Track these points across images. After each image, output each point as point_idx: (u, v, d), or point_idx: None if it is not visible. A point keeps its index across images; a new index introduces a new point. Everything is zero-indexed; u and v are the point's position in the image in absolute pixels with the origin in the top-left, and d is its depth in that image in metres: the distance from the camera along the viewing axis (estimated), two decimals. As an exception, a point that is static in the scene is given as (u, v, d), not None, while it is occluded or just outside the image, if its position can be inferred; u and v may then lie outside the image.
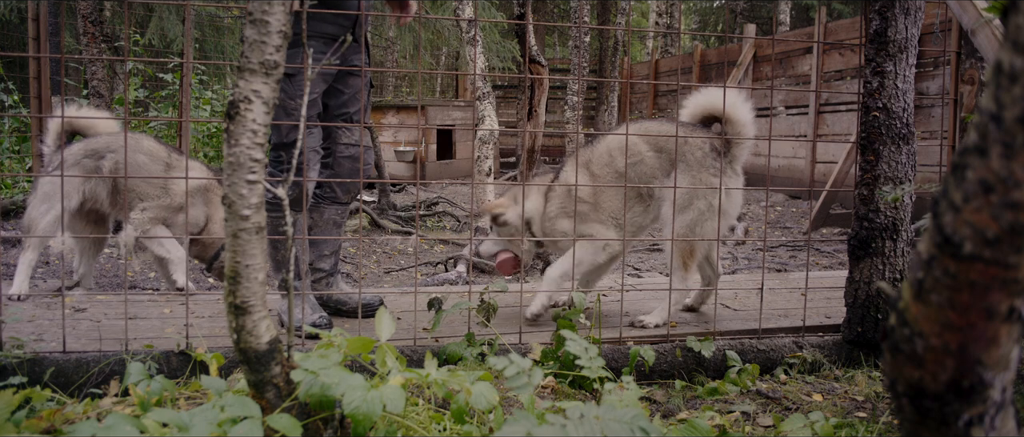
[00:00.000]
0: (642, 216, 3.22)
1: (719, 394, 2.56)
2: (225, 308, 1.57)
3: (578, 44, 8.35)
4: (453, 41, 11.61)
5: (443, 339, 2.79)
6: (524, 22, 6.41)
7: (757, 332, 2.99)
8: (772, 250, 6.83)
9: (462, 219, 8.00)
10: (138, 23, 11.52)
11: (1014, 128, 0.81)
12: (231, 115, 1.51)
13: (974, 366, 0.94)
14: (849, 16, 17.03)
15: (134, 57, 7.21)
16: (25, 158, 9.16)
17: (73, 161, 3.68)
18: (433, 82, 21.64)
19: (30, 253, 3.61)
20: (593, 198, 3.21)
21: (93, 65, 7.30)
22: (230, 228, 1.53)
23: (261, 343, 1.58)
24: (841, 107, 9.67)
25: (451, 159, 12.32)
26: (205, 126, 11.17)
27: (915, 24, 2.74)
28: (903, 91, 2.76)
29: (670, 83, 4.35)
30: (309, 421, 1.61)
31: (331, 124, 3.00)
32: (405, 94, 17.95)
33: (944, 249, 0.89)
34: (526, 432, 1.39)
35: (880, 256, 2.79)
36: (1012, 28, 0.81)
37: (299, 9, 1.77)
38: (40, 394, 2.02)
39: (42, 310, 3.17)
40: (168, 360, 2.51)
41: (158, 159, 3.81)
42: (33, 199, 3.70)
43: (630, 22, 5.51)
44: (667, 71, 15.28)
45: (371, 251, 6.61)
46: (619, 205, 3.16)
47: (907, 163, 2.78)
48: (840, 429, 2.13)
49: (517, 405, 2.15)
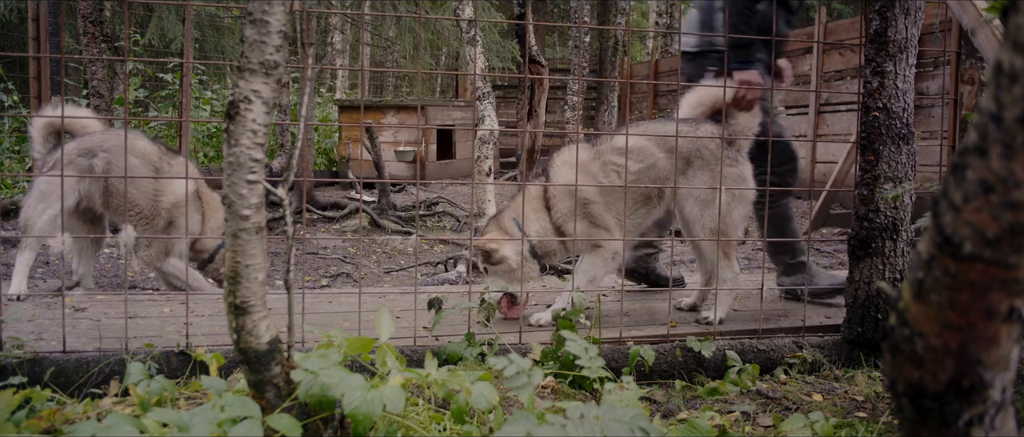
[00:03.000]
0: (646, 218, 3.22)
1: (719, 394, 2.56)
2: (225, 308, 1.57)
3: (578, 44, 8.35)
4: (453, 41, 11.60)
5: (443, 339, 2.79)
6: (524, 22, 6.41)
7: (757, 332, 2.99)
8: (772, 250, 6.82)
9: (462, 219, 8.00)
10: (138, 23, 11.52)
11: (1014, 128, 0.81)
12: (231, 115, 1.51)
13: (974, 366, 0.94)
14: (849, 16, 17.02)
15: (134, 57, 7.21)
16: (25, 158, 9.16)
17: (67, 160, 3.66)
18: (433, 82, 21.65)
19: (27, 253, 3.61)
20: (603, 200, 3.11)
21: (93, 65, 7.30)
22: (230, 228, 1.53)
23: (261, 343, 1.58)
24: (841, 107, 9.67)
25: (451, 159, 12.32)
26: (205, 126, 11.17)
27: (915, 24, 2.74)
28: (903, 91, 2.76)
29: (670, 83, 4.35)
30: (309, 421, 1.61)
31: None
32: (405, 94, 17.95)
33: (944, 249, 0.89)
34: (526, 432, 1.39)
35: (880, 256, 2.79)
36: (1012, 28, 0.81)
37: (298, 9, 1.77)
38: (40, 394, 2.02)
39: (42, 310, 3.17)
40: (168, 360, 2.51)
41: (148, 161, 3.79)
42: (29, 199, 3.69)
43: (630, 22, 5.51)
44: (667, 71, 15.27)
45: (371, 251, 6.61)
46: (628, 209, 3.14)
47: (907, 163, 2.79)
48: (840, 429, 2.13)
49: (517, 405, 2.15)
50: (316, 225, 7.75)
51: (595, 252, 3.12)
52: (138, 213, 3.80)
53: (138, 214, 3.80)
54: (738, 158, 3.13)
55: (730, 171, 3.09)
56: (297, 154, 1.63)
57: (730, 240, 3.10)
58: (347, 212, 7.94)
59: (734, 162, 3.11)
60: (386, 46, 17.23)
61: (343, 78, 18.37)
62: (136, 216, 3.80)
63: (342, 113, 12.69)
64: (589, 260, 3.13)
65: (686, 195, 3.11)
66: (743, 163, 3.15)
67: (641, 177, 3.11)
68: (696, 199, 3.09)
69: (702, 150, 3.12)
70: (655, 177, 3.13)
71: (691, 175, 3.12)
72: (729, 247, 3.11)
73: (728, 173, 3.08)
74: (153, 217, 3.81)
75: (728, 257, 3.10)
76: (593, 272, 3.10)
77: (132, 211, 3.79)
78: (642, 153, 3.11)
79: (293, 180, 1.64)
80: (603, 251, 3.10)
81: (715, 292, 3.14)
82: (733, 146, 3.15)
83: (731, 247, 3.12)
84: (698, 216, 3.08)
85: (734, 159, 3.12)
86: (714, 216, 3.05)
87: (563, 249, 3.19)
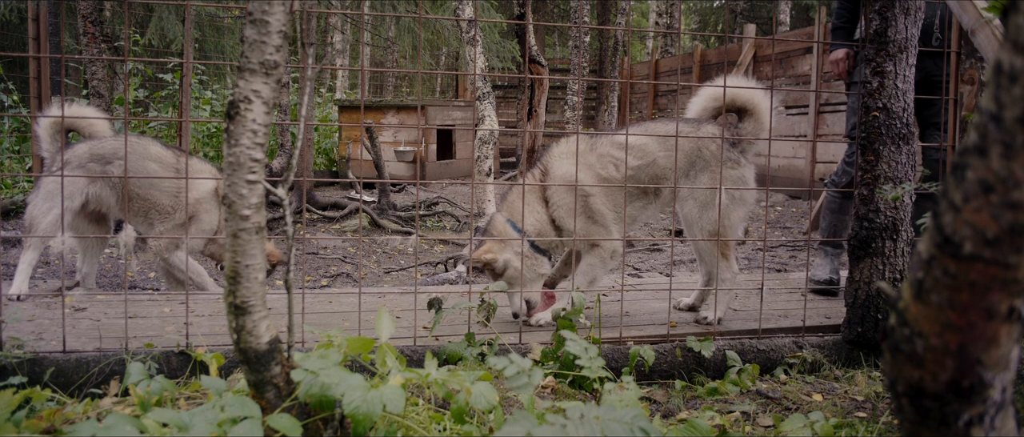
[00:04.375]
0: (642, 211, 3.22)
1: (719, 394, 2.56)
2: (225, 308, 1.57)
3: (578, 44, 8.35)
4: (453, 41, 11.60)
5: (443, 339, 2.79)
6: (524, 22, 6.41)
7: (757, 332, 2.99)
8: (772, 250, 6.83)
9: (462, 219, 8.00)
10: (138, 23, 11.52)
11: (1014, 128, 0.81)
12: (231, 115, 1.51)
13: (974, 366, 0.93)
14: (849, 16, 16.98)
15: (134, 57, 7.21)
16: (25, 158, 9.16)
17: (78, 163, 3.67)
18: (433, 82, 21.65)
19: (31, 252, 3.61)
20: (603, 195, 3.09)
21: (93, 65, 7.31)
22: (230, 228, 1.53)
23: (261, 343, 1.58)
24: (841, 107, 9.67)
25: (451, 159, 12.32)
26: (205, 126, 11.17)
27: (915, 24, 2.74)
28: (903, 91, 2.76)
29: (670, 83, 4.35)
30: (309, 421, 1.61)
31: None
32: (405, 94, 17.95)
33: (944, 249, 0.89)
34: (526, 432, 1.39)
35: (880, 256, 2.79)
36: (1012, 28, 0.81)
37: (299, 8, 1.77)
38: (40, 394, 2.02)
39: (42, 310, 3.17)
40: (168, 360, 2.51)
41: (166, 164, 3.83)
42: (35, 198, 3.70)
43: (630, 22, 5.51)
44: (667, 71, 15.28)
45: (371, 251, 6.61)
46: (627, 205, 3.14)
47: (907, 163, 2.79)
48: (840, 429, 2.13)
49: (517, 405, 2.15)
50: (316, 225, 7.75)
51: (593, 252, 3.11)
52: (160, 210, 3.85)
53: (159, 211, 3.85)
54: (740, 160, 3.13)
55: (731, 173, 3.09)
56: (297, 154, 1.63)
57: (729, 241, 3.10)
58: (347, 212, 7.94)
59: (736, 164, 3.11)
60: (386, 46, 17.23)
61: (343, 78, 18.38)
62: (158, 214, 3.85)
63: (342, 113, 12.70)
64: (588, 260, 3.12)
65: (687, 195, 3.11)
66: (745, 165, 3.15)
67: (640, 173, 3.11)
68: (696, 200, 3.09)
69: (703, 150, 3.12)
70: (654, 174, 3.13)
71: (693, 177, 3.12)
72: (728, 248, 3.11)
73: (729, 175, 3.08)
74: (174, 211, 3.86)
75: (727, 257, 3.11)
76: (593, 273, 3.10)
77: (154, 210, 3.85)
78: (642, 150, 3.11)
79: (293, 180, 1.64)
80: (601, 250, 3.10)
81: (715, 292, 3.14)
82: (736, 147, 3.15)
83: (730, 248, 3.13)
84: (698, 217, 3.08)
85: (736, 161, 3.12)
86: (714, 218, 3.05)
87: (565, 234, 3.16)
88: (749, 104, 3.14)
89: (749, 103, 3.14)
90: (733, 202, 3.09)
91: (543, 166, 3.17)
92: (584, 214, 3.09)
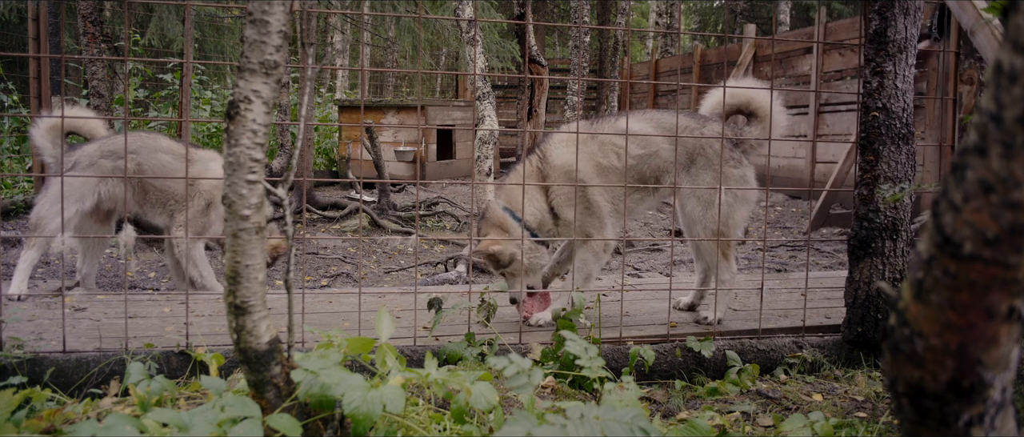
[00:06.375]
0: (640, 203, 3.21)
1: (719, 394, 2.56)
2: (225, 308, 1.57)
3: (578, 44, 8.35)
4: (453, 41, 11.60)
5: (443, 339, 2.79)
6: (524, 22, 6.41)
7: (757, 332, 2.99)
8: (772, 250, 6.83)
9: (462, 219, 8.00)
10: (138, 23, 11.52)
11: (1014, 128, 0.81)
12: (231, 115, 1.51)
13: (974, 366, 0.93)
14: (849, 16, 17.02)
15: (134, 57, 7.21)
16: (25, 158, 9.16)
17: (88, 162, 3.68)
18: (433, 82, 21.64)
19: (33, 252, 3.60)
20: (600, 180, 3.06)
21: (93, 65, 7.30)
22: (230, 228, 1.53)
23: (261, 343, 1.58)
24: (841, 107, 9.67)
25: (451, 159, 12.32)
26: (205, 126, 11.17)
27: (915, 24, 2.74)
28: (903, 91, 2.76)
29: (670, 83, 4.35)
30: (309, 421, 1.61)
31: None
32: (405, 94, 17.95)
33: (944, 249, 0.89)
34: (526, 432, 1.39)
35: (880, 256, 2.79)
36: (1012, 28, 0.81)
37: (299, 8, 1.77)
38: (40, 394, 2.02)
39: (42, 310, 3.17)
40: (168, 360, 2.51)
41: (178, 155, 3.87)
42: (44, 198, 3.69)
43: (630, 22, 5.51)
44: (667, 71, 15.28)
45: (371, 251, 6.61)
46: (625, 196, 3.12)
47: (907, 163, 2.79)
48: (840, 429, 2.13)
49: (517, 405, 2.15)
50: (316, 225, 7.75)
51: (587, 246, 3.09)
52: (178, 200, 3.89)
53: (178, 201, 3.90)
54: (743, 160, 3.13)
55: (734, 172, 3.08)
56: (297, 154, 1.63)
57: (729, 241, 3.10)
58: (347, 212, 7.94)
59: (738, 163, 3.11)
60: (386, 46, 17.23)
61: (343, 78, 18.37)
62: (177, 203, 3.90)
63: (342, 113, 12.69)
64: (581, 255, 3.10)
65: (689, 194, 3.11)
66: (747, 165, 3.15)
67: (641, 163, 3.11)
68: (698, 199, 3.09)
69: (706, 148, 3.12)
70: (655, 166, 3.13)
71: (694, 173, 3.12)
72: (728, 247, 3.11)
73: (731, 174, 3.07)
74: (192, 198, 3.90)
75: (727, 257, 3.11)
76: (587, 269, 3.09)
77: (173, 200, 3.89)
78: (646, 139, 3.10)
79: (293, 180, 1.64)
80: (595, 243, 3.08)
81: (715, 292, 3.14)
82: (739, 147, 3.14)
83: (730, 247, 3.12)
84: (700, 216, 3.08)
85: (738, 160, 3.11)
86: (714, 218, 3.05)
87: (562, 225, 3.13)
88: (760, 109, 3.15)
89: (761, 109, 3.15)
90: (736, 201, 3.09)
91: (541, 152, 3.13)
92: (581, 204, 3.06)
